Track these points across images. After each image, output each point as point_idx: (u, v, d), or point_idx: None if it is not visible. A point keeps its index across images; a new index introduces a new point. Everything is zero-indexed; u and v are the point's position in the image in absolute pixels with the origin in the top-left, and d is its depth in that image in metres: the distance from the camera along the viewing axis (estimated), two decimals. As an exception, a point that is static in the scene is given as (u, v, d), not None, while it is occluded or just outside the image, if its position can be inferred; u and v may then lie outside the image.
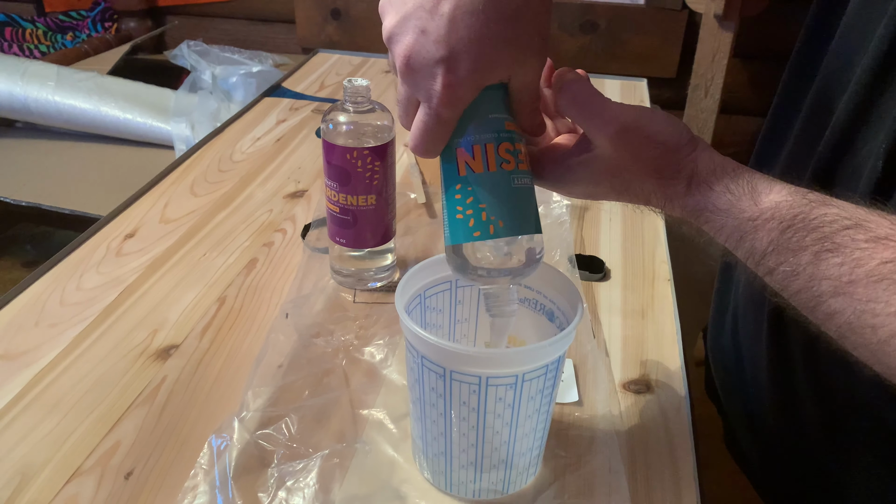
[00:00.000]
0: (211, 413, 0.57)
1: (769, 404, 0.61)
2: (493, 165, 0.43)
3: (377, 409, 0.58)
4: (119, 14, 2.19)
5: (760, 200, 0.41)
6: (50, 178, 1.57)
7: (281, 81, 1.28)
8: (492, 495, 0.51)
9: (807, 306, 0.40)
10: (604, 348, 0.65)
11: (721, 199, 0.42)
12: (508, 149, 0.43)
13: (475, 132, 0.43)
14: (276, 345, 0.63)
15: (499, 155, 0.43)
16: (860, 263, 0.37)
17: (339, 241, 0.70)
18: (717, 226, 0.42)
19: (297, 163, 0.98)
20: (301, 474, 0.51)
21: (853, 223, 0.38)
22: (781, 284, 0.40)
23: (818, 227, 0.38)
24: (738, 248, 0.42)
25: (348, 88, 0.64)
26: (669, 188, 0.43)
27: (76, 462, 0.52)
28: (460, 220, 0.43)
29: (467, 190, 0.43)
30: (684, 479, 0.53)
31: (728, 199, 0.41)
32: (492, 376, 0.44)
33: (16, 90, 1.63)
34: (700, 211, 0.43)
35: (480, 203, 0.43)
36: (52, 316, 0.67)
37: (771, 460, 0.64)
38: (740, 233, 0.41)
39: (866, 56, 0.47)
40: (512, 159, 0.43)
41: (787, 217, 0.39)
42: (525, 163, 0.44)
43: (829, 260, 0.38)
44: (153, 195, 0.88)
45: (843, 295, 0.37)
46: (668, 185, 0.43)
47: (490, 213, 0.43)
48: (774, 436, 0.62)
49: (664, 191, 0.44)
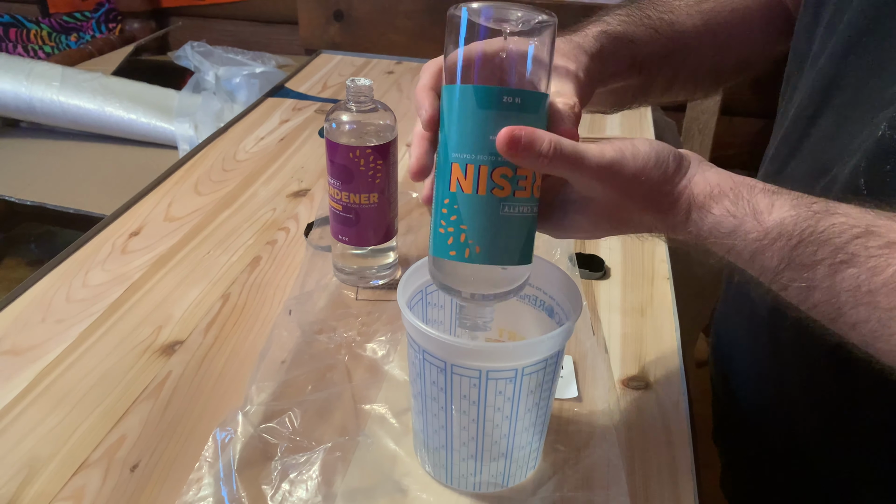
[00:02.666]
0: (215, 407, 0.58)
1: (765, 399, 0.62)
2: (483, 189, 0.41)
3: (379, 403, 0.58)
4: (123, 15, 2.20)
5: (764, 220, 0.39)
6: (54, 178, 1.58)
7: (284, 82, 1.29)
8: (492, 488, 0.51)
9: (827, 318, 0.39)
10: (603, 345, 0.66)
11: (724, 223, 0.40)
12: (506, 174, 0.41)
13: (473, 150, 0.41)
14: (279, 341, 0.64)
15: (492, 180, 0.41)
16: (877, 272, 0.36)
17: (342, 239, 0.71)
18: (725, 248, 0.41)
19: (301, 162, 0.99)
20: (304, 467, 0.52)
21: (863, 230, 0.37)
22: (798, 299, 0.40)
23: (828, 239, 0.38)
24: (749, 267, 0.41)
25: (351, 88, 0.65)
26: (669, 219, 0.42)
27: (83, 455, 0.53)
28: (441, 234, 0.43)
29: (453, 207, 0.42)
30: (682, 473, 0.54)
31: (731, 223, 0.40)
32: (492, 370, 0.45)
33: (21, 90, 1.64)
34: (705, 237, 0.42)
35: (462, 224, 0.42)
36: (59, 312, 0.68)
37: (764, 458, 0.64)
38: (749, 253, 0.40)
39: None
40: (507, 186, 0.41)
41: (794, 233, 0.39)
42: (527, 190, 0.42)
43: (845, 271, 0.37)
44: (158, 194, 0.89)
45: (864, 305, 0.37)
46: (666, 217, 0.42)
47: (469, 236, 0.42)
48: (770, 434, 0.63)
49: (664, 222, 0.43)
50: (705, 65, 0.61)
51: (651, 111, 1.20)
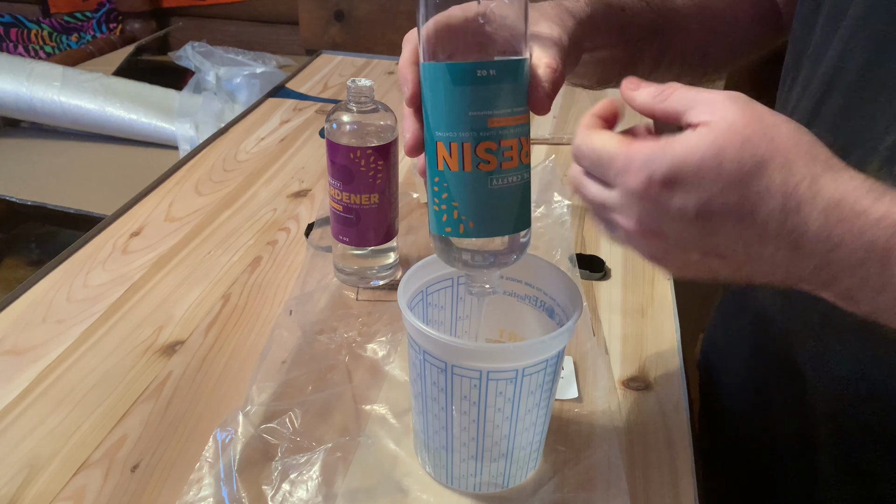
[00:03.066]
0: (216, 407, 0.58)
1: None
2: (469, 166, 0.41)
3: (379, 404, 0.58)
4: (124, 15, 2.20)
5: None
6: (55, 178, 1.58)
7: (285, 82, 1.29)
8: (492, 489, 0.51)
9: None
10: (603, 346, 0.66)
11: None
12: (490, 148, 0.41)
13: (455, 128, 0.41)
14: (280, 341, 0.64)
15: (476, 155, 0.41)
16: None
17: (343, 240, 0.71)
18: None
19: (301, 162, 0.99)
20: (304, 467, 0.52)
21: None
22: None
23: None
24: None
25: (352, 88, 0.65)
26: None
27: (83, 455, 0.53)
28: (436, 211, 0.43)
29: (443, 185, 0.42)
30: (682, 474, 0.54)
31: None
32: (492, 371, 0.45)
33: (22, 90, 1.64)
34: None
35: (454, 201, 0.42)
36: (60, 312, 0.68)
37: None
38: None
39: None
40: (493, 159, 0.41)
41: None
42: (514, 160, 0.41)
43: None
44: (158, 194, 0.89)
45: None
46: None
47: (462, 212, 0.42)
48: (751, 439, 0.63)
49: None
50: (693, 46, 0.60)
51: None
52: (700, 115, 0.36)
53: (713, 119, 0.35)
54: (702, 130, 0.35)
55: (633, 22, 0.54)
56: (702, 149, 0.35)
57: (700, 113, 0.36)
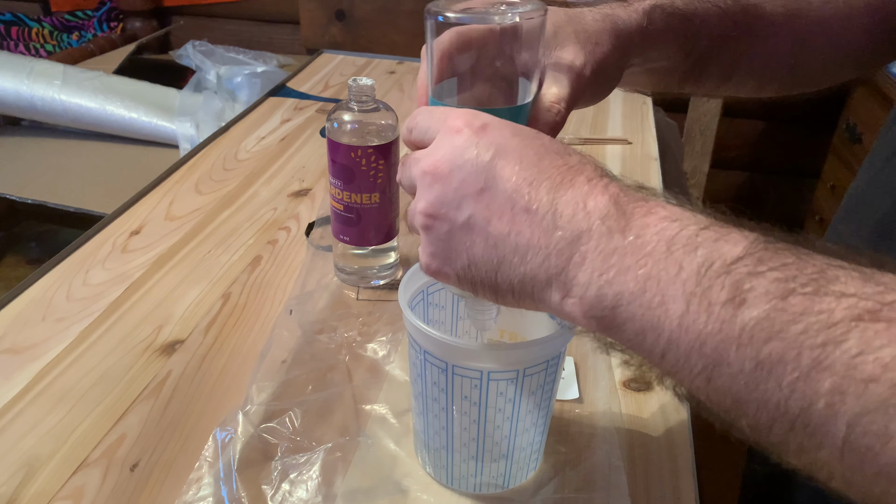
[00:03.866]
0: (215, 407, 0.58)
1: None
2: None
3: (379, 404, 0.58)
4: (124, 14, 2.20)
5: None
6: (55, 177, 1.58)
7: (285, 81, 1.28)
8: (493, 489, 0.51)
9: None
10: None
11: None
12: None
13: None
14: (280, 340, 0.64)
15: None
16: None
17: (343, 239, 0.70)
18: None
19: (302, 162, 0.99)
20: (304, 467, 0.52)
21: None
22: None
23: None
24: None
25: (353, 87, 0.65)
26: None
27: (82, 454, 0.53)
28: None
29: None
30: (683, 475, 0.53)
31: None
32: (493, 371, 0.45)
33: (22, 89, 1.64)
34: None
35: None
36: (59, 311, 0.68)
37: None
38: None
39: None
40: None
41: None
42: None
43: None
44: (159, 193, 0.89)
45: None
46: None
47: None
48: None
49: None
50: (778, 58, 0.54)
51: (653, 112, 1.20)
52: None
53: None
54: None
55: (701, 31, 0.50)
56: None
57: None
